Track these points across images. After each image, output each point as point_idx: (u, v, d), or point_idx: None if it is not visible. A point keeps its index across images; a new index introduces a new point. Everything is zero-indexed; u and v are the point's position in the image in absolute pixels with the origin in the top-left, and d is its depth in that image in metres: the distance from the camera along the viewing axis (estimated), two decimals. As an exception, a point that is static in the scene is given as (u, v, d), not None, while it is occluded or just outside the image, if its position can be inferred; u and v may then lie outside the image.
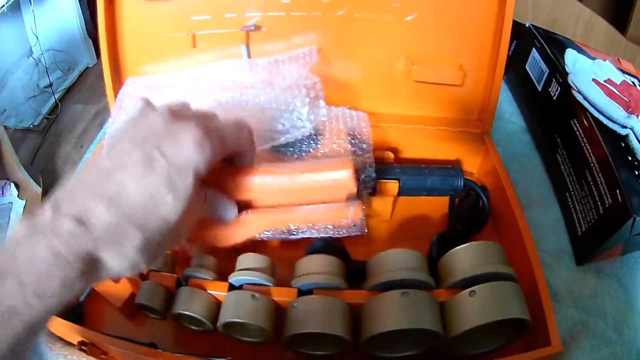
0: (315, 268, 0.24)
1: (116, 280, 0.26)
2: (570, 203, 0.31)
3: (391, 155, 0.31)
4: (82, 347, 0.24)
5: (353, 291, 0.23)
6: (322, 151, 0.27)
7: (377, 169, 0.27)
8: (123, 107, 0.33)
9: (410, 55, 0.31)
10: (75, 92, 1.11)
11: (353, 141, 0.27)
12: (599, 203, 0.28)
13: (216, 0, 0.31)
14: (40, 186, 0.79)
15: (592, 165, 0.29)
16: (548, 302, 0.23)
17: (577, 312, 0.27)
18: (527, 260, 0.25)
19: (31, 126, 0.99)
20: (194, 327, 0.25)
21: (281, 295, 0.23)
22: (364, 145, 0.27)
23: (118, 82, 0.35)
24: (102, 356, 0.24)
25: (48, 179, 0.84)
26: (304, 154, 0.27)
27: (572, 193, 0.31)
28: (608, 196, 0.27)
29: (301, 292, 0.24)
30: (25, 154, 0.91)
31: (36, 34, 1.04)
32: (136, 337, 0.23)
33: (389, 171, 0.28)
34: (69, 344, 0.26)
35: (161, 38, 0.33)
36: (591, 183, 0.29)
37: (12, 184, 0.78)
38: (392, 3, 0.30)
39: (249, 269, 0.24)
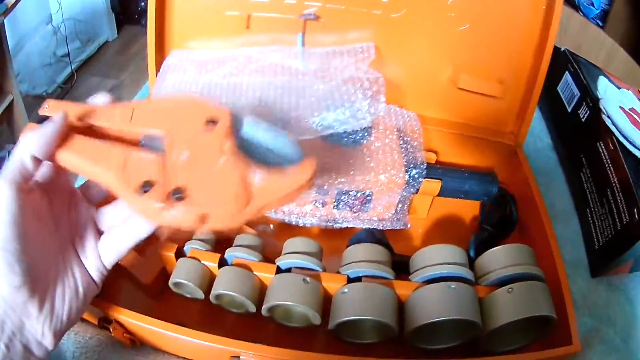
0: (364, 256, 0.25)
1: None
2: (590, 218, 0.34)
3: (433, 156, 0.32)
4: (105, 324, 0.23)
5: (401, 281, 0.24)
6: (376, 144, 0.27)
7: (423, 167, 0.28)
8: (167, 79, 0.32)
9: (457, 64, 0.33)
10: (93, 64, 1.07)
11: (405, 138, 0.28)
12: (617, 220, 0.30)
13: (277, -15, 0.31)
14: None
15: (613, 185, 0.31)
16: (570, 305, 0.25)
17: (591, 320, 0.29)
18: (553, 265, 0.27)
19: (44, 93, 0.96)
20: (234, 310, 0.25)
21: (330, 281, 0.24)
22: (415, 143, 0.28)
23: (161, 53, 0.34)
24: (125, 335, 0.23)
25: None
26: (357, 144, 0.28)
27: (593, 209, 0.34)
28: (626, 214, 0.29)
29: (350, 279, 0.24)
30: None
31: (59, 1, 1.00)
32: (160, 317, 0.22)
33: (433, 171, 0.29)
34: (82, 319, 0.24)
35: (214, 14, 0.33)
36: (611, 201, 0.31)
37: None
38: (448, 12, 0.31)
39: (298, 252, 0.25)
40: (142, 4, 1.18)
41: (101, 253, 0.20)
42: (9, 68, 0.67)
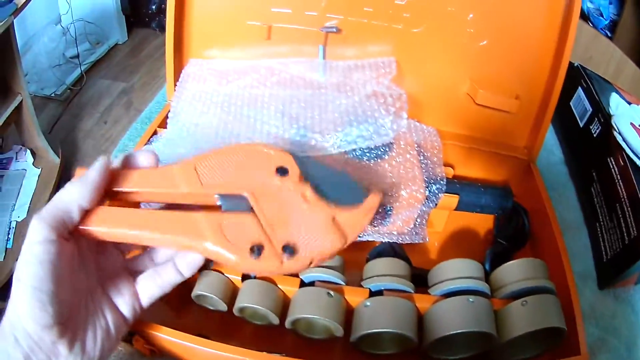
0: (385, 270, 0.25)
1: None
2: (599, 232, 0.35)
3: (451, 170, 0.32)
4: (127, 335, 0.23)
5: (421, 295, 0.25)
6: (397, 160, 0.28)
7: (441, 182, 0.29)
8: (186, 89, 0.33)
9: (475, 79, 0.33)
10: (103, 66, 1.06)
11: (426, 153, 0.29)
12: (625, 234, 0.31)
13: (299, -4, 0.31)
14: (58, 157, 0.75)
15: (623, 200, 0.32)
16: (579, 317, 0.25)
17: (597, 330, 0.30)
18: (564, 278, 0.28)
19: (53, 95, 0.95)
20: (256, 322, 0.26)
21: (353, 294, 0.25)
22: (435, 159, 0.29)
23: (179, 61, 0.35)
24: (146, 346, 0.24)
25: (67, 151, 0.80)
26: (379, 159, 0.28)
27: (602, 223, 0.35)
28: (634, 229, 0.30)
29: (372, 293, 0.25)
30: (43, 122, 0.87)
31: (69, 2, 0.99)
32: (180, 328, 0.23)
33: (450, 186, 0.30)
34: None
35: (234, 24, 0.33)
36: (620, 216, 0.32)
37: (28, 151, 0.73)
38: (467, 28, 0.32)
39: (321, 266, 0.25)
40: (153, 7, 1.16)
41: (141, 292, 0.20)
42: (17, 68, 0.67)
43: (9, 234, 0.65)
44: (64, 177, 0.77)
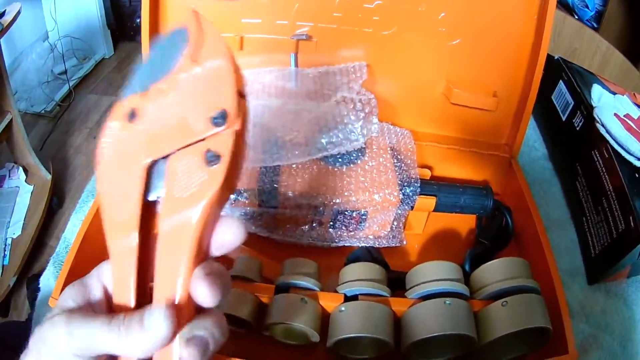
0: (360, 275, 0.25)
1: None
2: (586, 227, 0.34)
3: (428, 172, 0.32)
4: None
5: (397, 298, 0.24)
6: (370, 164, 0.28)
7: (417, 184, 0.28)
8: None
9: (450, 79, 0.33)
10: (91, 82, 1.08)
11: (399, 156, 0.29)
12: (612, 228, 0.31)
13: (268, 5, 0.32)
14: (50, 173, 0.76)
15: (609, 193, 0.32)
16: (567, 315, 0.25)
17: (588, 327, 0.30)
18: (549, 276, 0.27)
19: (43, 112, 0.95)
20: (234, 328, 0.26)
21: (328, 300, 0.24)
22: (409, 161, 0.29)
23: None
24: None
25: (58, 167, 0.81)
26: (351, 165, 0.28)
27: (589, 218, 0.34)
28: (622, 222, 0.30)
29: (347, 298, 0.25)
30: (34, 139, 0.88)
31: (55, 18, 1.00)
32: None
33: (427, 188, 0.30)
34: None
35: (207, 37, 0.33)
36: (607, 209, 0.32)
37: (21, 168, 0.75)
38: (439, 27, 0.31)
39: (296, 273, 0.25)
40: (138, 20, 1.18)
41: None
42: (6, 87, 0.68)
43: (4, 250, 0.66)
44: (55, 193, 0.78)
